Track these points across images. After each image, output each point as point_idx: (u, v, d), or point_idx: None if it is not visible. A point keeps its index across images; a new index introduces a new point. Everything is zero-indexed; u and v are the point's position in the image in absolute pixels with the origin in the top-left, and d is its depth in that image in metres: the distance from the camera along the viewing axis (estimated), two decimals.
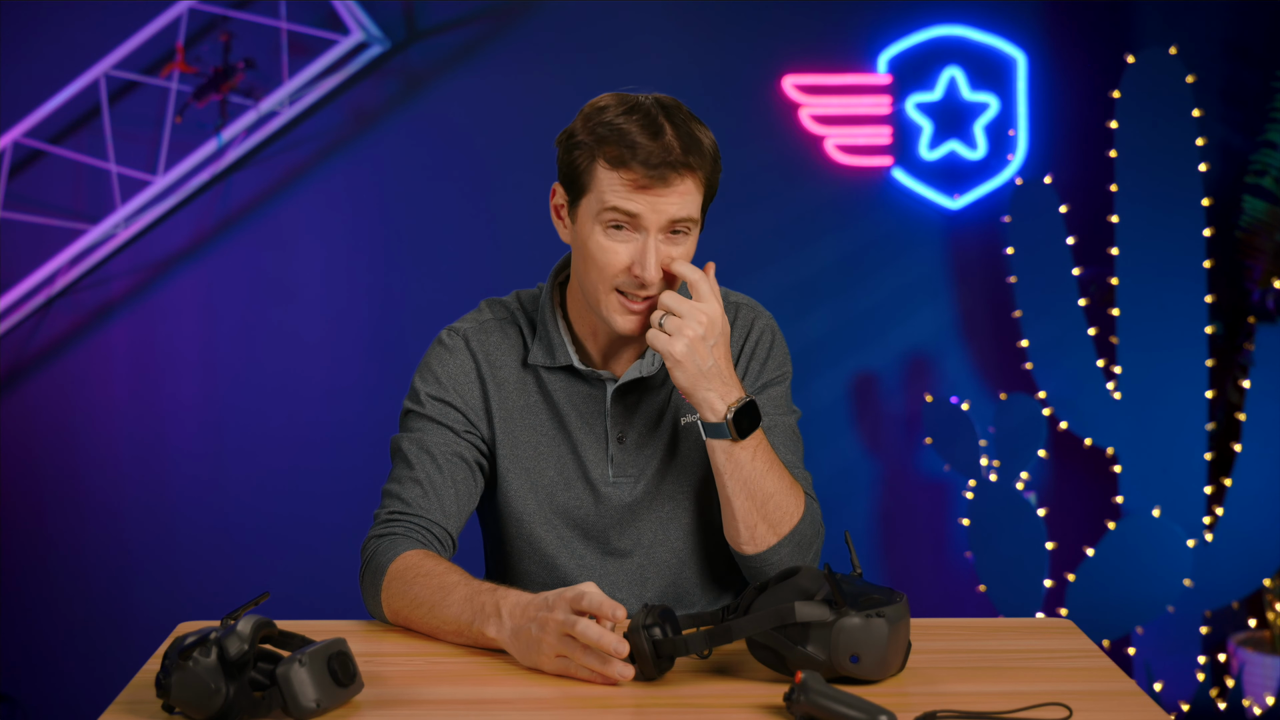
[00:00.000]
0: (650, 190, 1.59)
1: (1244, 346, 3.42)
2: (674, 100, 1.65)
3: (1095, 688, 1.43)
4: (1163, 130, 3.27)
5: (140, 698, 1.39)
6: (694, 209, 1.61)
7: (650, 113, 1.60)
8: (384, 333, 3.63)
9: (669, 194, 1.59)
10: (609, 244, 1.61)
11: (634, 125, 1.59)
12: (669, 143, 1.58)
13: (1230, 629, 3.54)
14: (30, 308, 3.54)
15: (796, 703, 1.30)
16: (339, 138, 3.59)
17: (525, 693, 1.41)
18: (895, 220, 3.62)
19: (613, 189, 1.59)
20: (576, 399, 1.74)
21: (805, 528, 1.67)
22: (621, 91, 1.65)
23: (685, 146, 1.59)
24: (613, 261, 1.61)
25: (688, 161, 1.59)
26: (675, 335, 1.58)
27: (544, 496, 1.74)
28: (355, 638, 1.58)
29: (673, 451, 1.74)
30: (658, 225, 1.60)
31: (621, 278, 1.62)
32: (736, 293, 1.82)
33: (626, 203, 1.59)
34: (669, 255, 1.61)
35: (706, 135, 1.63)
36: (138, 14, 3.47)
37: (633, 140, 1.58)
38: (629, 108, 1.61)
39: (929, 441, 3.43)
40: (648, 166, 1.57)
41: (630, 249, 1.61)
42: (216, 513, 3.63)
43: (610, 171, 1.59)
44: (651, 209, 1.59)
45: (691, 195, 1.61)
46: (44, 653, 3.63)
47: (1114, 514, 3.46)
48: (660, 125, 1.59)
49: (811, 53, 3.59)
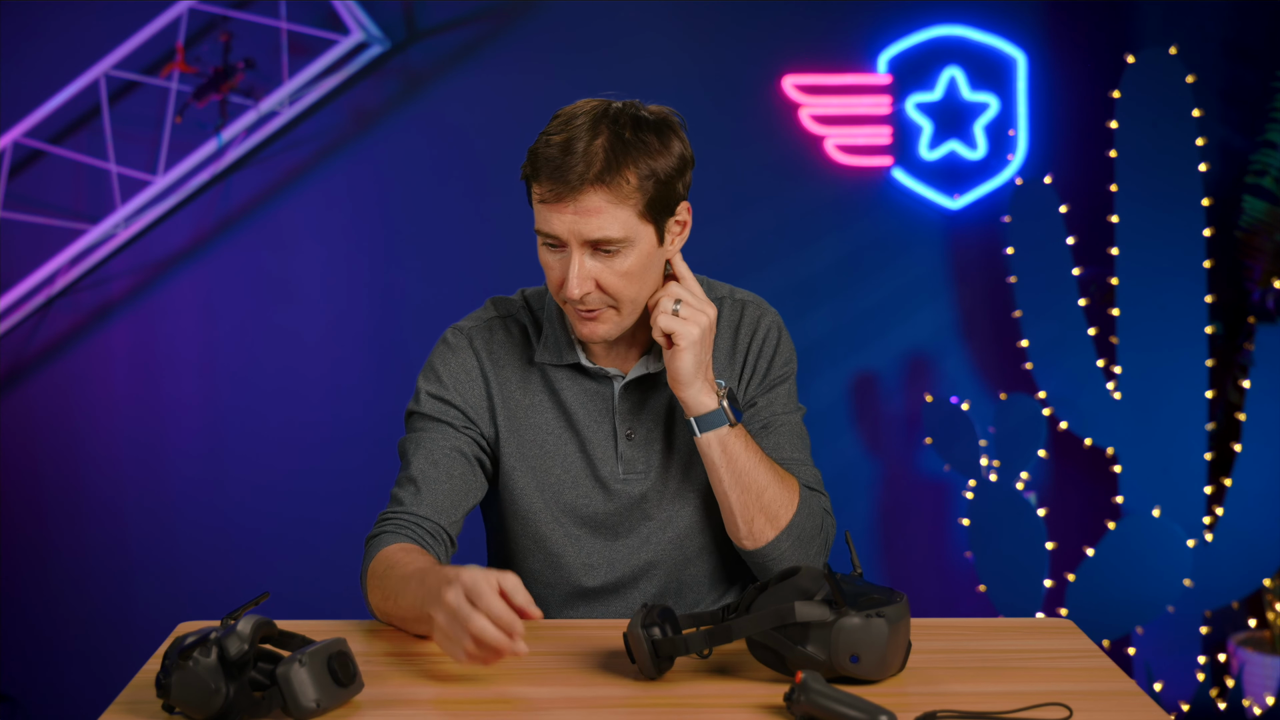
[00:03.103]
0: (560, 207, 1.57)
1: (1244, 346, 3.42)
2: (639, 111, 1.61)
3: (1095, 688, 1.43)
4: (1163, 130, 3.27)
5: (140, 698, 1.39)
6: (613, 228, 1.57)
7: (591, 123, 1.58)
8: (384, 333, 3.63)
9: (581, 210, 1.57)
10: (546, 259, 1.63)
11: (561, 137, 1.57)
12: (589, 154, 1.55)
13: (1230, 629, 3.54)
14: (30, 308, 3.54)
15: (796, 703, 1.30)
16: (339, 138, 3.59)
17: (525, 693, 1.41)
18: (895, 220, 3.62)
19: (536, 204, 1.61)
20: (584, 396, 1.74)
21: (803, 520, 1.68)
22: (601, 97, 1.63)
23: (607, 160, 1.55)
24: (552, 278, 1.63)
25: (601, 176, 1.55)
26: (690, 321, 1.61)
27: (551, 494, 1.74)
28: (355, 638, 1.58)
29: (680, 447, 1.75)
30: (576, 242, 1.59)
31: (563, 292, 1.63)
32: (742, 290, 1.83)
33: (544, 223, 1.59)
34: (604, 272, 1.60)
35: (655, 154, 1.58)
36: (138, 14, 3.47)
37: (551, 152, 1.57)
38: (578, 115, 1.59)
39: (929, 441, 3.43)
40: (553, 182, 1.57)
41: (562, 265, 1.61)
42: (216, 513, 3.64)
43: (535, 185, 1.60)
44: (565, 228, 1.58)
45: (607, 213, 1.57)
46: (44, 653, 3.63)
47: (1114, 514, 3.46)
48: (594, 136, 1.56)
49: (811, 53, 3.59)
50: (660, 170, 1.59)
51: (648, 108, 1.63)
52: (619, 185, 1.56)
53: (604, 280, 1.60)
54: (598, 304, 1.62)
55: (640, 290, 1.64)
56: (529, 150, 1.62)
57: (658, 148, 1.59)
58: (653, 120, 1.61)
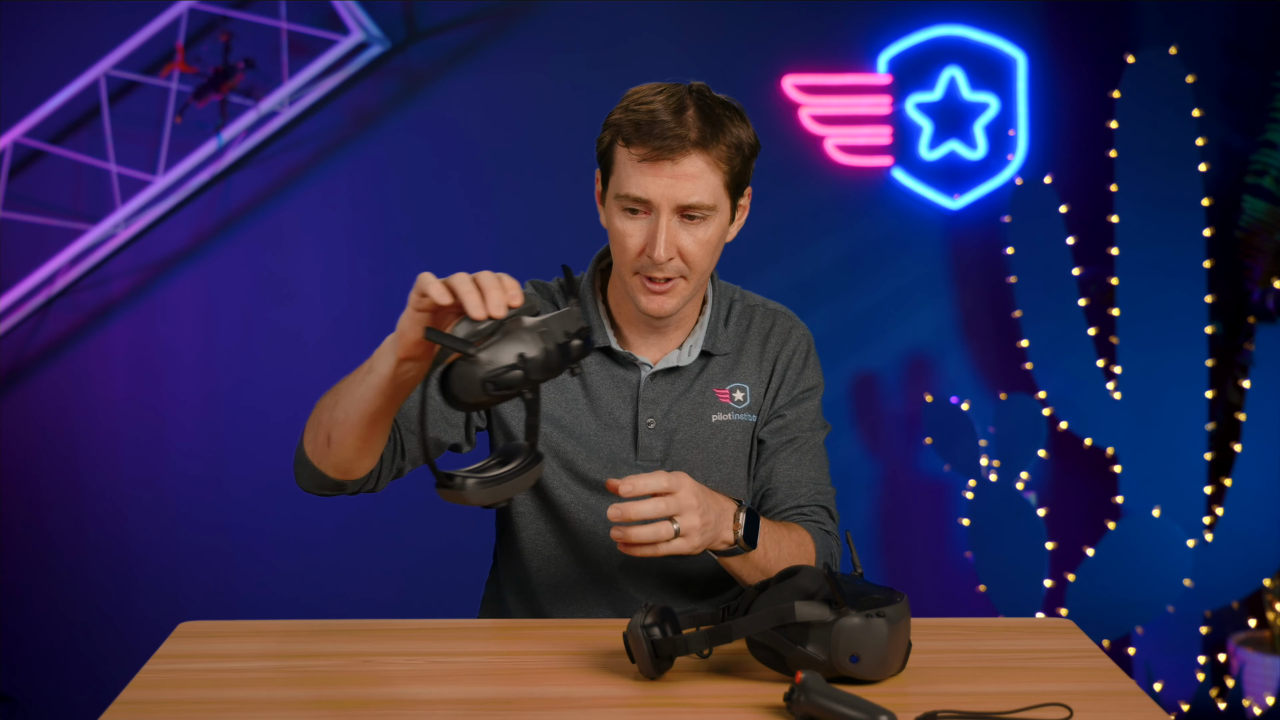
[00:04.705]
0: (658, 168, 1.59)
1: (1244, 346, 3.42)
2: (716, 95, 1.65)
3: (1095, 688, 1.43)
4: (1163, 130, 3.27)
5: (140, 698, 1.39)
6: (705, 194, 1.61)
7: (678, 95, 1.62)
8: (384, 333, 3.58)
9: (678, 174, 1.59)
10: (624, 227, 1.64)
11: (656, 103, 1.60)
12: (685, 120, 1.59)
13: (1230, 629, 3.54)
14: (30, 308, 3.54)
15: (796, 703, 1.30)
16: (339, 138, 3.59)
17: (525, 692, 1.41)
18: (895, 220, 3.62)
19: (625, 169, 1.62)
20: (610, 381, 1.76)
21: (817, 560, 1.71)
22: (667, 82, 1.66)
23: (703, 128, 1.60)
24: (629, 245, 1.64)
25: (701, 141, 1.59)
26: (689, 534, 1.50)
27: (563, 463, 1.75)
28: (355, 638, 1.58)
29: (699, 444, 1.76)
30: (669, 207, 1.61)
31: (640, 260, 1.64)
32: (774, 302, 1.86)
33: (636, 187, 1.60)
34: (686, 239, 1.63)
35: (739, 127, 1.64)
36: (138, 14, 3.47)
37: (647, 116, 1.59)
38: (661, 90, 1.63)
39: (929, 441, 3.43)
40: (657, 140, 1.59)
41: (645, 231, 1.63)
42: (216, 513, 3.63)
43: (625, 149, 1.61)
44: (660, 191, 1.60)
45: (703, 179, 1.61)
46: (44, 653, 3.63)
47: (1114, 514, 3.46)
48: (684, 106, 1.60)
49: (811, 53, 3.59)
50: (745, 144, 1.65)
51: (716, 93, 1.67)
52: (715, 151, 1.61)
53: (685, 248, 1.63)
54: (674, 273, 1.64)
55: (710, 263, 1.67)
56: (608, 123, 1.64)
57: (740, 123, 1.65)
58: (729, 101, 1.66)
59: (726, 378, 1.78)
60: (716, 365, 1.78)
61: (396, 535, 3.65)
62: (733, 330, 1.80)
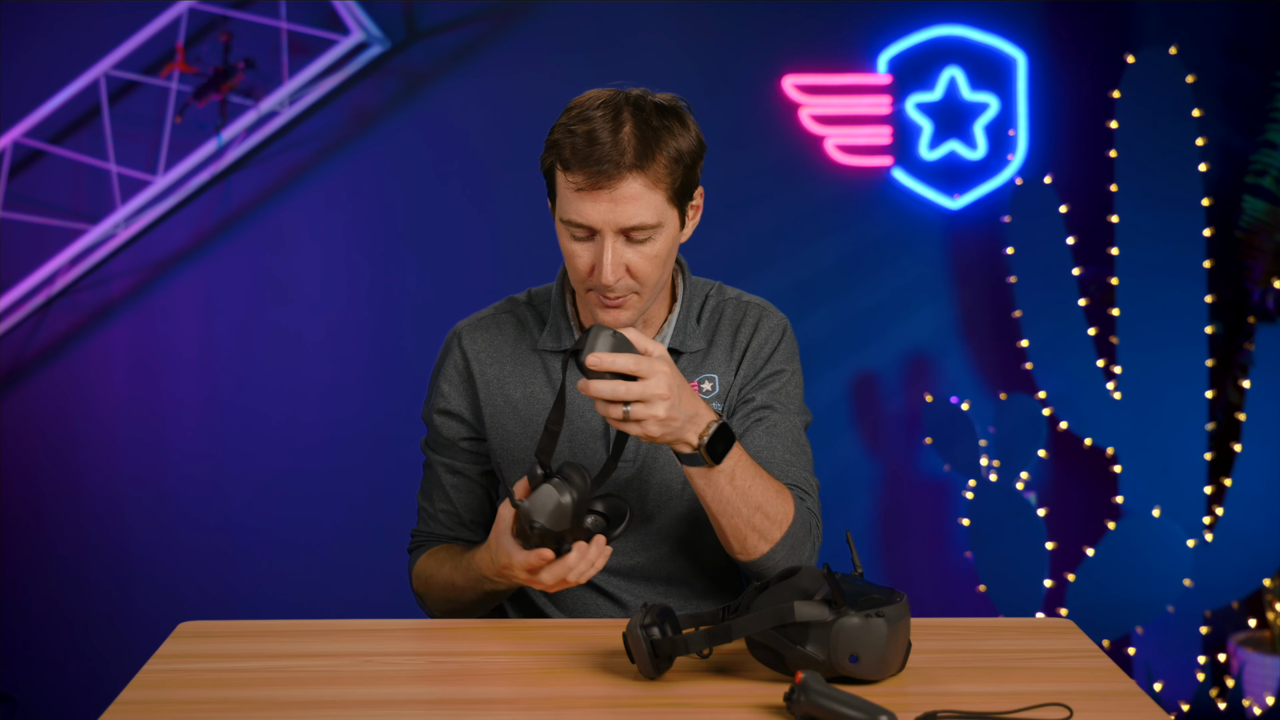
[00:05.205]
0: (596, 195, 1.57)
1: (1244, 346, 3.42)
2: (653, 98, 1.61)
3: (1095, 688, 1.43)
4: (1163, 130, 3.27)
5: (140, 698, 1.39)
6: (648, 214, 1.58)
7: (616, 108, 1.58)
8: (384, 333, 3.63)
9: (617, 199, 1.56)
10: (572, 248, 1.62)
11: (594, 120, 1.57)
12: (620, 141, 1.55)
13: (1230, 629, 3.54)
14: (30, 308, 3.54)
15: (796, 703, 1.30)
16: (339, 138, 3.59)
17: (525, 693, 1.41)
18: (895, 220, 3.62)
19: (565, 195, 1.60)
20: None
21: (797, 528, 1.65)
22: (611, 87, 1.63)
23: (639, 147, 1.56)
24: (579, 265, 1.62)
25: (638, 162, 1.56)
26: (646, 421, 1.48)
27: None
28: (355, 638, 1.58)
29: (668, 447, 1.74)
30: (611, 230, 1.58)
31: (591, 279, 1.62)
32: (752, 295, 1.83)
33: (576, 213, 1.58)
34: (633, 256, 1.60)
35: (678, 136, 1.59)
36: (138, 14, 3.47)
37: (585, 139, 1.56)
38: (600, 103, 1.59)
39: (929, 441, 3.43)
40: (594, 165, 1.56)
41: (592, 251, 1.61)
42: (216, 513, 3.63)
43: (564, 174, 1.59)
44: (600, 216, 1.57)
45: (643, 199, 1.57)
46: (44, 653, 3.63)
47: (1114, 514, 3.46)
48: (620, 123, 1.57)
49: (811, 53, 3.59)
50: (685, 153, 1.61)
51: (656, 95, 1.64)
52: (653, 170, 1.57)
53: (634, 266, 1.61)
54: (625, 290, 1.62)
55: (663, 274, 1.65)
56: (549, 141, 1.61)
57: (680, 131, 1.61)
58: (669, 106, 1.62)
59: (696, 372, 1.76)
60: (686, 362, 1.76)
61: (397, 535, 3.64)
62: (704, 326, 1.78)
